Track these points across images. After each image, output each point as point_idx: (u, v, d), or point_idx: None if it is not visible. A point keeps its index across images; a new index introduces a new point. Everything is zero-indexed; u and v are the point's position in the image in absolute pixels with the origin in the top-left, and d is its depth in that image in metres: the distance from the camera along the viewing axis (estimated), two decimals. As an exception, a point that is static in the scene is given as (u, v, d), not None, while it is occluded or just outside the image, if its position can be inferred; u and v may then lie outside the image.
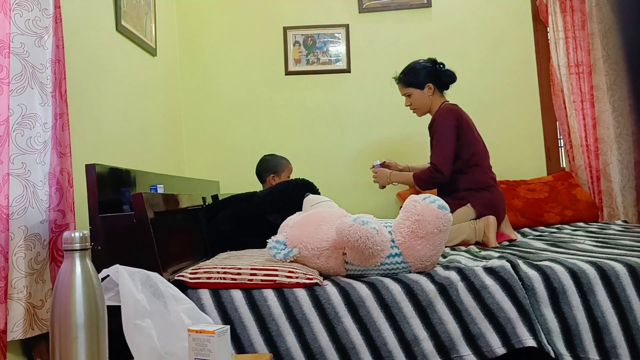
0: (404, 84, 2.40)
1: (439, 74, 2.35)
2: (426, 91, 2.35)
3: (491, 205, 2.19)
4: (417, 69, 2.37)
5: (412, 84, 2.37)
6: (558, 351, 1.32)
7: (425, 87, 2.35)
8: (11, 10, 1.36)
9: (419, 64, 2.38)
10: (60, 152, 1.46)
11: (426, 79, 2.34)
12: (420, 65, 2.38)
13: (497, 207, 2.21)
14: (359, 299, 1.36)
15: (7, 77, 1.32)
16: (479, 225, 2.11)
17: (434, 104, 2.38)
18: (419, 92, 2.36)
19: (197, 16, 3.18)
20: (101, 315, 0.94)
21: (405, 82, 2.39)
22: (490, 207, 2.18)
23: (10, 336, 1.30)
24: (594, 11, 2.93)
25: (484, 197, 2.19)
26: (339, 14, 3.16)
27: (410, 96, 2.39)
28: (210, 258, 1.80)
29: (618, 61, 2.92)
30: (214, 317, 1.35)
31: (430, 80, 2.34)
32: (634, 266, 1.41)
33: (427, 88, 2.35)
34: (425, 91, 2.35)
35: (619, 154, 2.87)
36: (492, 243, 2.05)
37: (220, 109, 3.16)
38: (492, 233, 2.08)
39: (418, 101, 2.38)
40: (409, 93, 2.39)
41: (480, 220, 2.12)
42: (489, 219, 2.11)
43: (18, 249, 1.33)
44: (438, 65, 2.36)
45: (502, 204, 2.25)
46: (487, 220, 2.11)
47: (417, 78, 2.36)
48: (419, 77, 2.35)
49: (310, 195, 1.93)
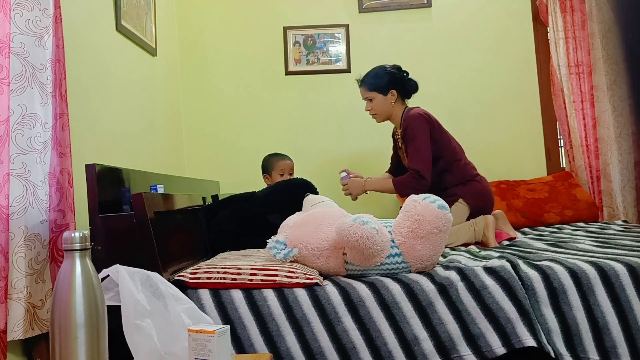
0: (367, 87, 2.34)
1: (404, 81, 2.32)
2: (389, 97, 2.31)
3: (480, 195, 2.22)
4: (381, 74, 2.32)
5: (376, 88, 2.32)
6: (558, 351, 1.32)
7: (389, 93, 2.31)
8: (11, 10, 1.36)
9: (384, 69, 2.34)
10: (60, 152, 1.46)
11: (390, 85, 2.30)
12: (385, 70, 2.33)
13: (486, 195, 2.24)
14: (359, 299, 1.36)
15: (7, 77, 1.32)
16: (478, 227, 2.12)
17: (395, 111, 2.34)
18: (381, 98, 2.32)
19: (197, 16, 3.18)
20: (101, 315, 0.94)
21: (369, 86, 2.33)
22: (480, 197, 2.21)
23: (10, 336, 1.30)
24: (594, 11, 2.93)
25: (472, 188, 2.22)
26: (339, 14, 3.16)
27: (371, 100, 2.33)
28: (210, 258, 1.80)
29: (618, 61, 2.92)
30: (214, 317, 1.35)
31: (394, 87, 2.30)
32: (634, 266, 1.41)
33: (390, 94, 2.31)
34: (388, 97, 2.31)
35: (619, 154, 2.87)
36: (491, 243, 2.05)
37: (220, 109, 3.16)
38: (491, 232, 2.09)
39: (379, 106, 2.33)
40: (371, 97, 2.33)
41: (480, 222, 2.12)
42: (487, 218, 2.12)
43: (18, 249, 1.33)
44: (403, 73, 2.33)
45: (490, 191, 2.28)
46: (485, 220, 2.11)
47: (381, 82, 2.31)
48: (383, 82, 2.30)
49: (310, 195, 1.93)
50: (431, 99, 3.13)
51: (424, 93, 3.12)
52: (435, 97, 3.14)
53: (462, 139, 3.08)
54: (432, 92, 3.14)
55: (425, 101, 3.12)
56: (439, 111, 3.11)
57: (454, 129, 3.09)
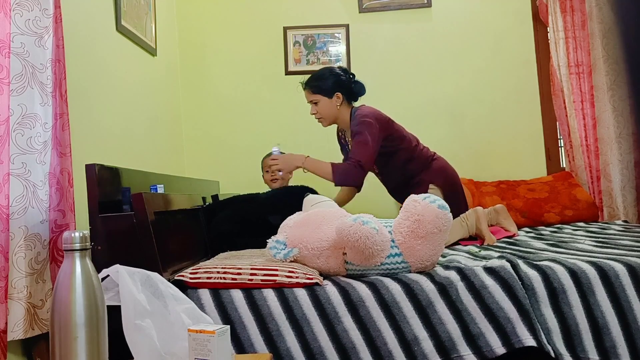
0: (312, 90, 2.27)
1: (349, 84, 2.27)
2: (334, 100, 2.25)
3: (444, 172, 2.25)
4: (326, 76, 2.26)
5: (321, 91, 2.25)
6: (558, 351, 1.32)
7: (334, 96, 2.25)
8: (11, 10, 1.36)
9: (329, 71, 2.29)
10: (61, 152, 1.46)
11: (336, 88, 2.24)
12: (330, 72, 2.28)
13: (448, 169, 2.27)
14: (359, 298, 1.36)
15: (7, 77, 1.32)
16: (470, 221, 2.12)
17: (341, 114, 2.29)
18: (326, 100, 2.25)
19: (197, 16, 3.18)
20: (101, 315, 0.94)
21: (314, 88, 2.27)
22: (443, 173, 2.24)
23: (10, 336, 1.30)
24: (594, 11, 2.93)
25: (435, 168, 2.24)
26: (339, 14, 3.16)
27: (317, 104, 2.27)
28: (210, 258, 1.80)
29: (618, 61, 2.92)
30: (214, 317, 1.35)
31: (339, 90, 2.25)
32: (633, 266, 1.41)
33: (335, 97, 2.25)
34: (333, 100, 2.25)
35: (619, 154, 2.87)
36: (486, 234, 2.06)
37: (220, 109, 3.16)
38: (484, 224, 2.11)
39: (325, 110, 2.27)
40: (316, 100, 2.27)
41: (470, 216, 2.13)
42: (477, 211, 2.14)
43: (18, 248, 1.33)
44: (349, 75, 2.28)
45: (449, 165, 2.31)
46: (476, 213, 2.14)
47: (326, 85, 2.24)
48: (328, 84, 2.24)
49: (310, 195, 1.93)
50: (431, 99, 3.15)
51: (424, 93, 3.14)
52: (435, 97, 3.14)
53: (462, 139, 3.10)
54: (432, 92, 3.15)
55: (426, 101, 3.13)
56: (439, 111, 3.13)
57: (454, 129, 3.11)
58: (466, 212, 2.18)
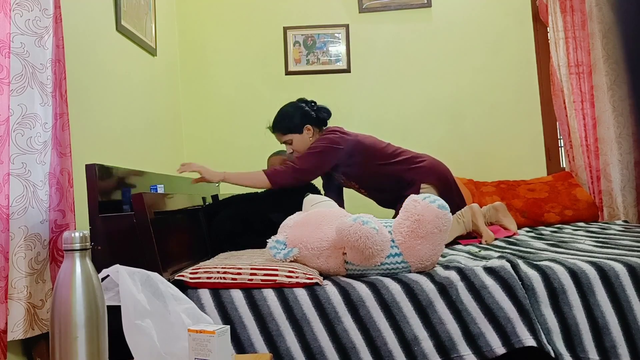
0: (282, 132, 2.26)
1: (315, 112, 2.26)
2: (305, 134, 2.24)
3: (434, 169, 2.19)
4: (290, 113, 2.25)
5: (290, 130, 2.24)
6: (558, 351, 1.32)
7: (304, 130, 2.23)
8: (11, 10, 1.36)
9: (290, 108, 2.27)
10: (60, 152, 1.46)
11: (303, 121, 2.23)
12: (292, 109, 2.26)
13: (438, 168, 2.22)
14: (359, 298, 1.36)
15: (7, 77, 1.32)
16: (466, 218, 2.12)
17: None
18: (298, 137, 2.24)
19: (197, 16, 3.18)
20: (101, 315, 0.94)
21: (283, 130, 2.25)
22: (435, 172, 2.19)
23: (10, 336, 1.30)
24: (594, 11, 2.93)
25: (423, 167, 2.18)
26: (339, 14, 3.16)
27: (291, 143, 2.26)
28: (210, 258, 1.80)
29: (618, 61, 2.92)
30: (214, 317, 1.35)
31: (307, 122, 2.23)
32: (634, 266, 1.41)
33: (306, 130, 2.23)
34: (304, 134, 2.24)
35: (619, 154, 2.87)
36: (483, 231, 2.06)
37: (220, 109, 3.16)
38: (480, 220, 2.10)
39: (300, 146, 2.25)
40: (289, 140, 2.25)
41: (466, 213, 2.13)
42: (472, 207, 2.14)
43: (18, 249, 1.33)
44: (310, 105, 2.27)
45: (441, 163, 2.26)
46: (471, 210, 2.13)
47: (293, 123, 2.23)
48: (296, 122, 2.23)
49: (311, 195, 1.93)
50: (431, 99, 3.15)
51: (424, 93, 3.14)
52: (436, 97, 3.14)
53: (462, 139, 3.10)
54: (432, 92, 3.14)
55: (426, 101, 3.13)
56: (439, 111, 3.13)
57: (454, 129, 3.11)
58: (461, 209, 2.18)
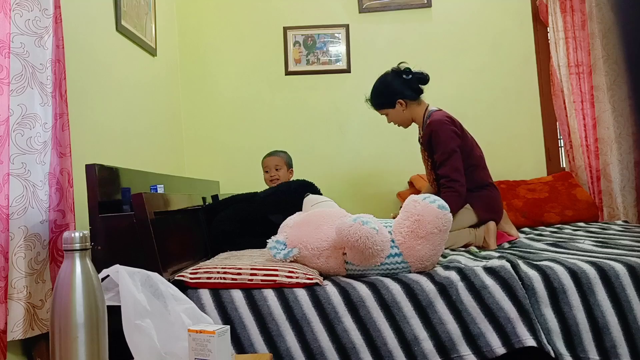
0: (376, 108, 2.32)
1: (407, 83, 2.24)
2: (399, 108, 2.25)
3: (491, 205, 2.15)
4: (380, 89, 2.27)
5: (383, 105, 2.28)
6: (558, 351, 1.32)
7: (397, 105, 2.25)
8: (11, 10, 1.36)
9: (382, 83, 2.27)
10: (60, 152, 1.46)
11: (393, 97, 2.24)
12: (384, 83, 2.27)
13: (496, 205, 2.17)
14: (359, 299, 1.36)
15: (7, 77, 1.32)
16: (479, 232, 2.09)
17: (414, 114, 2.28)
18: (392, 111, 2.27)
19: (197, 16, 3.18)
20: (101, 315, 0.94)
21: (376, 106, 2.31)
22: (490, 207, 2.14)
23: (10, 336, 1.30)
24: (594, 11, 2.93)
25: (483, 197, 2.15)
26: (339, 14, 3.15)
27: (387, 115, 2.31)
28: (210, 258, 1.80)
29: (618, 61, 2.92)
30: (214, 317, 1.35)
31: (398, 97, 2.24)
32: (634, 266, 1.41)
33: (398, 105, 2.25)
34: (397, 108, 2.26)
35: (619, 154, 2.87)
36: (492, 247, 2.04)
37: (220, 109, 3.16)
38: (492, 239, 2.05)
39: (396, 118, 2.30)
40: (384, 113, 2.32)
41: (480, 228, 2.10)
42: (488, 225, 2.09)
43: (18, 249, 1.33)
44: (404, 75, 2.24)
45: (500, 202, 2.21)
46: (487, 227, 2.08)
47: (384, 98, 2.26)
48: (386, 97, 2.25)
49: (311, 195, 1.93)
50: (431, 99, 3.13)
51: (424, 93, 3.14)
52: (436, 97, 3.12)
53: (462, 139, 3.09)
54: (432, 92, 3.13)
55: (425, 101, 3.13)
56: (439, 111, 3.12)
57: (454, 129, 3.11)
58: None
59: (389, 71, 2.31)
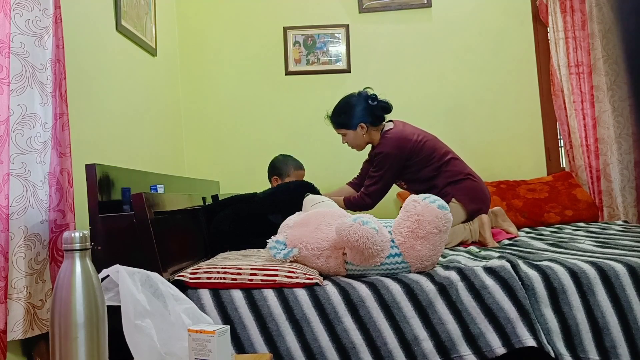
0: (335, 126, 2.33)
1: (371, 109, 2.25)
2: (359, 131, 2.27)
3: (474, 195, 2.16)
4: (346, 109, 2.28)
5: (343, 125, 2.29)
6: (558, 351, 1.32)
7: (358, 127, 2.26)
8: (11, 10, 1.36)
9: (348, 104, 2.28)
10: (60, 152, 1.46)
11: (357, 120, 2.24)
12: (349, 104, 2.28)
13: (479, 194, 2.17)
14: (359, 299, 1.36)
15: (7, 77, 1.32)
16: (473, 227, 2.10)
17: (371, 138, 2.30)
18: (352, 133, 2.29)
19: (197, 16, 3.18)
20: (101, 315, 0.94)
21: (336, 124, 2.32)
22: (474, 197, 2.15)
23: (10, 336, 1.30)
24: (594, 11, 2.93)
25: (464, 188, 2.15)
26: (339, 14, 3.16)
27: (345, 136, 2.33)
28: (210, 258, 1.80)
29: (618, 61, 2.92)
30: (214, 317, 1.35)
31: (362, 120, 2.24)
32: (634, 266, 1.41)
33: (360, 128, 2.26)
34: (358, 131, 2.27)
35: (619, 154, 2.87)
36: (489, 242, 2.05)
37: (220, 109, 3.16)
38: (488, 232, 2.07)
39: (353, 141, 2.31)
40: (342, 133, 2.33)
41: (475, 222, 2.11)
42: (482, 218, 2.11)
43: (18, 249, 1.33)
44: (370, 101, 2.25)
45: (484, 192, 2.22)
46: (480, 220, 2.10)
47: (346, 119, 2.27)
48: (348, 118, 2.26)
49: (310, 195, 1.93)
50: (431, 99, 3.15)
51: (424, 93, 3.14)
52: (436, 97, 3.14)
53: (462, 139, 3.09)
54: (432, 92, 3.14)
55: (425, 101, 3.13)
56: (438, 111, 3.13)
57: (454, 129, 3.11)
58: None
59: (355, 93, 2.31)
